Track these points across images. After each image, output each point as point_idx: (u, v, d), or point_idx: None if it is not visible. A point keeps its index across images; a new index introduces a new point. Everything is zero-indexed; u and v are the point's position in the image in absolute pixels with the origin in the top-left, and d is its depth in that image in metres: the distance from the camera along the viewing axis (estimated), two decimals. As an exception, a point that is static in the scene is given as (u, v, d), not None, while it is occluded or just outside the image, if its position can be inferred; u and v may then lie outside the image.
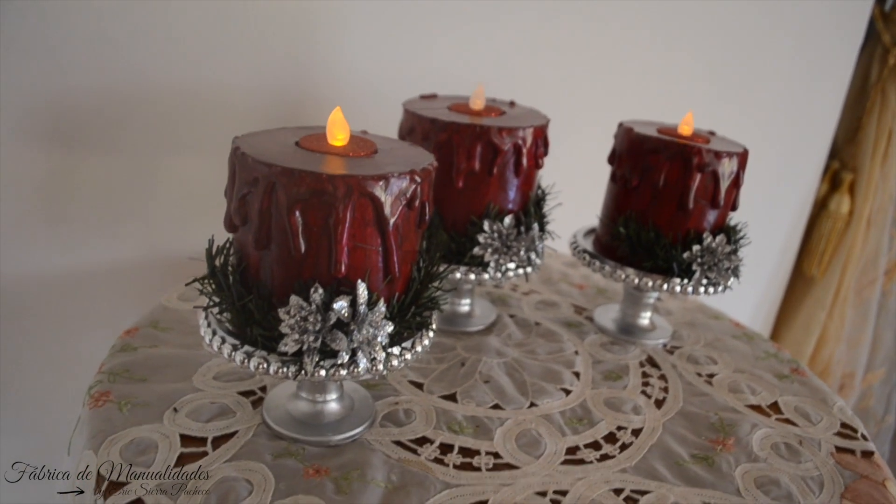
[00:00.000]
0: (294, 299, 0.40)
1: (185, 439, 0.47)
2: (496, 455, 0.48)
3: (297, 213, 0.40)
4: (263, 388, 0.53)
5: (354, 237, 0.41)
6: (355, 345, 0.41)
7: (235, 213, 0.42)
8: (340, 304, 0.40)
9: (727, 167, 0.59)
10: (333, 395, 0.50)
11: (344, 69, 0.77)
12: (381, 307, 0.41)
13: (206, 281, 0.44)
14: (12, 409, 0.75)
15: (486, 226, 0.58)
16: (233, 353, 0.42)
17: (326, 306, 0.40)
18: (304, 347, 0.40)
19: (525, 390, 0.56)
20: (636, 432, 0.53)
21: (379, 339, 0.41)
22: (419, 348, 0.45)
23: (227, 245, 0.45)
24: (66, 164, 0.69)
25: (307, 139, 0.44)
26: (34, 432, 0.77)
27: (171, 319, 0.62)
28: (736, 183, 0.61)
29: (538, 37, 0.86)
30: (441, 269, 0.47)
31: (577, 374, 0.60)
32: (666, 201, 0.60)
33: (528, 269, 0.60)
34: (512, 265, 0.59)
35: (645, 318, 0.68)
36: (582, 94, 0.92)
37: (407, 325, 0.44)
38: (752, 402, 0.59)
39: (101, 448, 0.45)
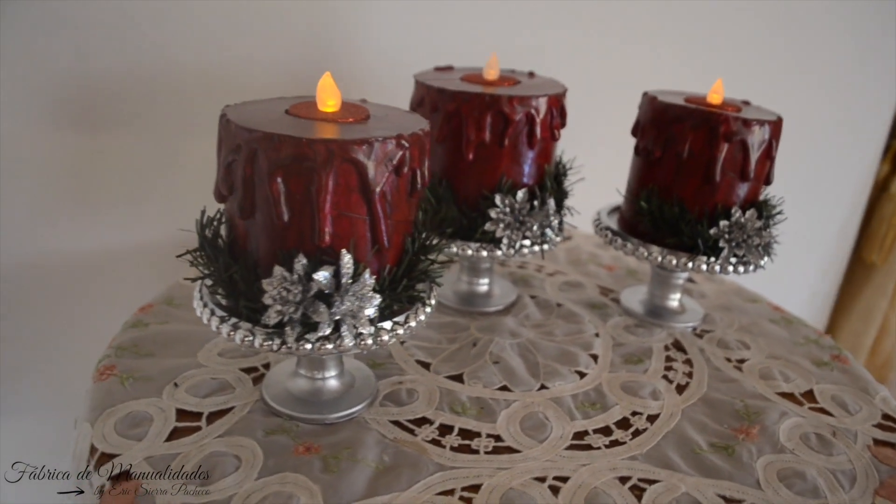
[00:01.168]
0: (277, 270, 0.39)
1: (182, 414, 0.46)
2: (497, 438, 0.46)
3: (279, 180, 0.38)
4: (267, 365, 0.52)
5: (338, 205, 0.39)
6: (338, 317, 0.39)
7: (222, 182, 0.41)
8: (322, 275, 0.38)
9: (757, 137, 0.55)
10: (332, 373, 0.49)
11: (365, 44, 0.76)
12: (368, 278, 0.40)
13: (197, 252, 0.43)
14: (32, 389, 0.76)
15: (497, 200, 0.55)
16: (220, 326, 0.42)
17: (309, 277, 0.39)
18: (285, 319, 0.39)
19: (537, 372, 0.54)
20: (652, 418, 0.50)
21: (365, 311, 0.40)
22: (413, 323, 0.43)
23: (218, 216, 0.44)
24: (92, 147, 0.69)
25: (297, 106, 0.43)
26: (52, 412, 0.78)
27: (186, 296, 0.61)
28: (768, 154, 0.57)
29: (563, 5, 0.83)
30: (435, 240, 0.45)
31: (594, 357, 0.57)
32: (691, 173, 0.57)
33: (545, 246, 0.58)
34: (527, 242, 0.57)
35: (674, 300, 0.65)
36: (612, 64, 0.87)
37: (397, 298, 0.42)
38: (783, 390, 0.54)
39: (98, 420, 0.45)
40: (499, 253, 0.56)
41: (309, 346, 0.40)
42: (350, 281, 0.39)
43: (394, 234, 0.42)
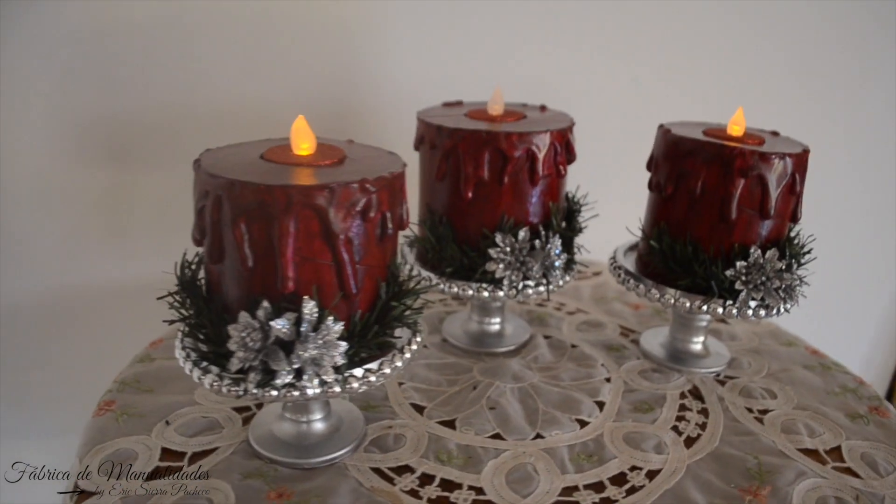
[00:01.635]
0: (243, 316, 0.39)
1: (167, 452, 0.47)
2: (479, 490, 0.44)
3: (243, 226, 0.38)
4: (261, 405, 0.52)
5: (301, 251, 0.39)
6: (298, 364, 0.38)
7: (196, 226, 0.42)
8: (280, 322, 0.38)
9: (777, 171, 0.51)
10: (317, 416, 0.48)
11: (386, 82, 0.76)
12: (333, 325, 0.39)
13: (176, 295, 0.44)
14: (48, 414, 0.80)
15: (498, 239, 0.54)
16: (192, 370, 0.42)
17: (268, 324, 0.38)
18: (246, 366, 0.39)
19: (535, 420, 0.51)
20: (652, 474, 0.46)
21: (329, 359, 0.39)
22: (388, 370, 0.42)
23: (197, 259, 0.44)
24: (122, 181, 0.72)
25: (272, 150, 0.43)
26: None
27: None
28: (791, 189, 0.53)
29: (589, 38, 0.81)
30: (411, 285, 0.44)
31: (600, 404, 0.54)
32: (705, 211, 0.53)
33: (551, 287, 0.56)
34: (531, 282, 0.55)
35: (697, 344, 0.61)
36: (643, 96, 0.84)
37: (366, 345, 0.41)
38: (806, 446, 0.50)
39: (87, 457, 0.46)
40: (500, 294, 0.54)
41: (275, 392, 0.39)
42: (311, 328, 0.39)
43: (364, 280, 0.41)
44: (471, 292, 0.55)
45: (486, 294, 0.54)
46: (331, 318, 0.39)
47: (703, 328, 0.60)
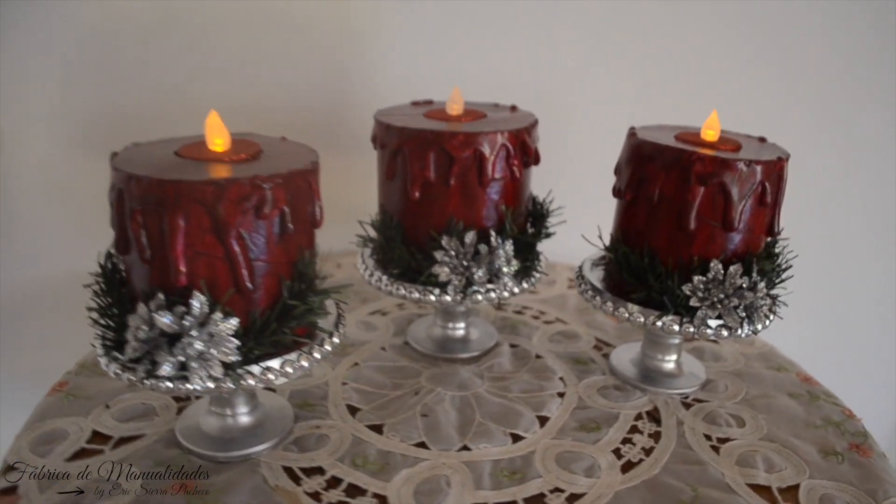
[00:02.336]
0: (141, 307, 0.39)
1: (97, 435, 0.48)
2: (383, 499, 0.43)
3: (139, 219, 0.39)
4: (200, 397, 0.53)
5: (193, 245, 0.39)
6: (182, 358, 0.38)
7: (110, 219, 0.43)
8: (162, 315, 0.38)
9: (742, 179, 0.47)
10: (241, 410, 0.48)
11: (386, 79, 0.76)
12: (222, 321, 0.39)
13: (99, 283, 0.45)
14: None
15: (444, 242, 0.52)
16: (102, 357, 0.43)
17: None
18: (135, 356, 0.39)
19: (466, 431, 0.49)
20: (574, 498, 0.44)
21: (216, 354, 0.39)
22: (290, 369, 0.42)
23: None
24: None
25: (187, 146, 0.43)
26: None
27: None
28: (761, 200, 0.48)
29: (589, 42, 0.77)
30: (315, 283, 0.43)
31: (544, 420, 0.51)
32: (663, 220, 0.49)
33: (505, 293, 0.53)
34: (480, 288, 0.53)
35: (669, 363, 0.57)
36: (635, 100, 0.79)
37: (260, 343, 0.41)
38: (758, 482, 0.45)
39: (24, 434, 0.48)
40: (447, 298, 0.53)
41: (170, 384, 0.40)
42: (197, 323, 0.38)
43: (264, 277, 0.41)
44: (416, 295, 0.53)
45: (432, 298, 0.53)
46: (219, 313, 0.39)
47: (676, 346, 0.56)
